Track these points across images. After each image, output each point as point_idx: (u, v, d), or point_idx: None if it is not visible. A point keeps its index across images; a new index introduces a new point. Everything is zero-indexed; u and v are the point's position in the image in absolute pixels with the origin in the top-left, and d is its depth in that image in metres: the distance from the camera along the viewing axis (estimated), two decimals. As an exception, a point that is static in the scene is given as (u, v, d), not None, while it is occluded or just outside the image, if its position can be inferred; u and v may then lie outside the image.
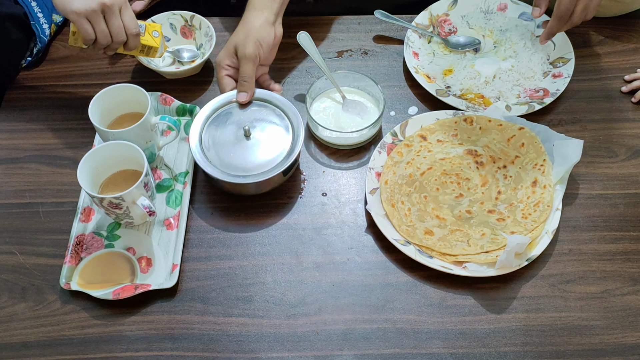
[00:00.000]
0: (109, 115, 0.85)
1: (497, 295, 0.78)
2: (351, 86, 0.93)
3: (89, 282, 0.77)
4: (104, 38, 0.81)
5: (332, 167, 0.89)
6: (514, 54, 0.99)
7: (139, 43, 0.85)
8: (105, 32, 0.80)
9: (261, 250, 0.82)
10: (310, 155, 0.91)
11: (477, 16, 1.04)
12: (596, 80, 0.99)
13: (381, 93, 0.89)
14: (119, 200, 0.74)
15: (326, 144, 0.91)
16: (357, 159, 0.90)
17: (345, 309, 0.77)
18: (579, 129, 0.93)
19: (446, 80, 0.98)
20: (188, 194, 0.84)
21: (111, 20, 0.80)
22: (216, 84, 0.98)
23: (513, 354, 0.73)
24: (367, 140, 0.90)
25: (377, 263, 0.80)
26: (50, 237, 0.82)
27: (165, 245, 0.81)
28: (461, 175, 0.85)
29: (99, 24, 0.79)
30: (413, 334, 0.75)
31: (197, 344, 0.74)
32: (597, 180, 0.88)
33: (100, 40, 0.81)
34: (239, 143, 0.83)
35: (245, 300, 0.77)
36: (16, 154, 0.90)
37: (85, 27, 0.79)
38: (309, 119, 0.89)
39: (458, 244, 0.79)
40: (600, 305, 0.77)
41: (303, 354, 0.74)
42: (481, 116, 0.90)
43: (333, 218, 0.84)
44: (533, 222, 0.80)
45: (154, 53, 0.90)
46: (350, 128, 0.89)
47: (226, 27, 1.05)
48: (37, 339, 0.74)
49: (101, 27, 0.80)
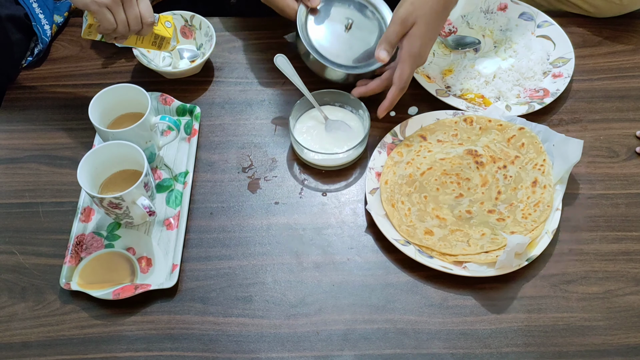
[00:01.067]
0: (109, 115, 0.85)
1: (497, 295, 0.78)
2: (335, 104, 0.91)
3: (89, 282, 0.77)
4: (124, 27, 0.82)
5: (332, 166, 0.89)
6: (514, 54, 0.99)
7: (152, 30, 0.86)
8: (124, 21, 0.82)
9: (261, 250, 0.81)
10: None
11: (477, 16, 1.04)
12: (596, 80, 0.99)
13: (365, 111, 0.87)
14: (119, 200, 0.74)
15: (312, 165, 0.88)
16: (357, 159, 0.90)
17: (345, 309, 0.77)
18: (579, 129, 0.93)
19: (446, 80, 0.98)
20: (188, 194, 0.84)
21: (129, 9, 0.81)
22: (216, 84, 0.98)
23: (514, 354, 0.73)
24: (353, 160, 0.88)
25: (377, 263, 0.80)
26: (50, 237, 0.82)
27: (165, 245, 0.81)
28: (461, 175, 0.85)
29: (119, 14, 0.81)
30: (414, 334, 0.75)
31: (197, 344, 0.74)
32: (598, 180, 0.88)
33: (120, 30, 0.82)
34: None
35: (245, 300, 0.77)
36: (16, 154, 0.90)
37: (108, 17, 0.80)
38: (293, 142, 0.87)
39: (458, 244, 0.79)
40: (603, 306, 0.77)
41: (303, 354, 0.73)
42: (481, 116, 0.90)
43: (333, 218, 0.84)
44: (533, 222, 0.80)
45: (166, 45, 0.90)
46: (335, 149, 0.86)
47: (226, 27, 1.05)
48: (37, 339, 0.74)
49: (121, 17, 0.81)
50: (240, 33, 1.04)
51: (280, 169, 0.89)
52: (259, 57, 1.01)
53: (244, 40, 1.03)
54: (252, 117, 0.94)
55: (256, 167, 0.89)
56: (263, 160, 0.90)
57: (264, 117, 0.94)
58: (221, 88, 0.98)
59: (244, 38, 1.04)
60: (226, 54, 1.02)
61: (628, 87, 0.98)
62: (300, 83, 0.91)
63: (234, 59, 1.01)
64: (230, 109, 0.95)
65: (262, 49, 1.02)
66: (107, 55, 1.01)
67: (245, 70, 1.00)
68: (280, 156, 0.90)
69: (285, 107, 0.95)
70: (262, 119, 0.94)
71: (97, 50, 1.02)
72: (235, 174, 0.88)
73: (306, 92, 0.90)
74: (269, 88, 0.98)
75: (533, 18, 1.02)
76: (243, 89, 0.98)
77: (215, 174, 0.88)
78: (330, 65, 0.90)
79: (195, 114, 0.92)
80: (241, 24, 1.06)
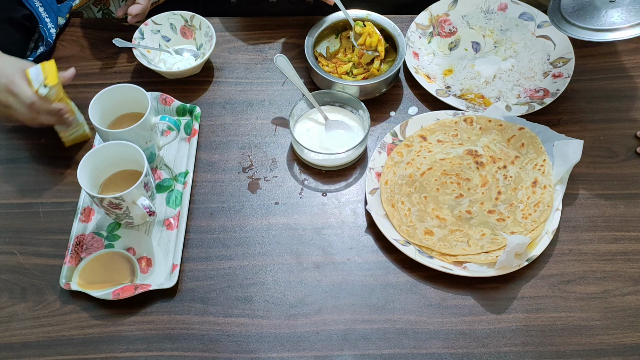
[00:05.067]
0: (109, 115, 0.85)
1: (497, 295, 0.78)
2: (335, 104, 0.91)
3: (89, 282, 0.77)
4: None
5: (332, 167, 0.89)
6: (514, 54, 0.99)
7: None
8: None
9: (261, 250, 0.81)
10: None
11: (477, 16, 1.04)
12: (596, 80, 0.99)
13: (365, 111, 0.87)
14: (119, 201, 0.74)
15: (312, 165, 0.89)
16: (357, 159, 0.90)
17: (345, 309, 0.77)
18: (579, 129, 0.93)
19: (446, 80, 0.98)
20: (188, 194, 0.84)
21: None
22: (216, 84, 0.98)
23: (513, 354, 0.73)
24: (353, 160, 0.89)
25: (377, 263, 0.80)
26: (50, 237, 0.82)
27: (165, 245, 0.81)
28: (461, 175, 0.85)
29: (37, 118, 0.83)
30: (413, 334, 0.75)
31: (197, 344, 0.74)
32: (597, 180, 0.88)
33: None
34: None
35: (245, 301, 0.77)
36: (16, 154, 0.90)
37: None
38: (293, 142, 0.87)
39: (458, 244, 0.79)
40: (601, 306, 0.77)
41: (303, 354, 0.74)
42: (481, 116, 0.90)
43: (333, 218, 0.84)
44: (533, 222, 0.80)
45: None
46: (335, 149, 0.86)
47: (226, 27, 1.05)
48: (37, 339, 0.74)
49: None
50: (240, 33, 1.04)
51: (280, 169, 0.89)
52: (259, 57, 1.01)
53: (244, 41, 1.03)
54: (252, 117, 0.94)
55: (256, 167, 0.89)
56: (263, 161, 0.90)
57: (264, 117, 0.94)
58: (221, 88, 0.98)
59: (244, 38, 1.04)
60: (226, 54, 1.02)
61: (628, 87, 0.98)
62: (300, 83, 0.91)
63: (234, 59, 1.01)
64: (230, 109, 0.95)
65: (262, 49, 1.02)
66: (107, 55, 1.01)
67: (245, 70, 1.00)
68: (281, 156, 0.90)
69: (285, 107, 0.96)
70: (262, 119, 0.94)
71: (97, 51, 1.02)
72: (235, 174, 0.88)
73: (306, 92, 0.90)
74: (269, 88, 0.98)
75: (533, 18, 1.02)
76: (243, 89, 0.98)
77: (215, 174, 0.89)
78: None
79: (195, 114, 0.93)
80: (241, 24, 1.06)
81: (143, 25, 0.97)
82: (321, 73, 0.92)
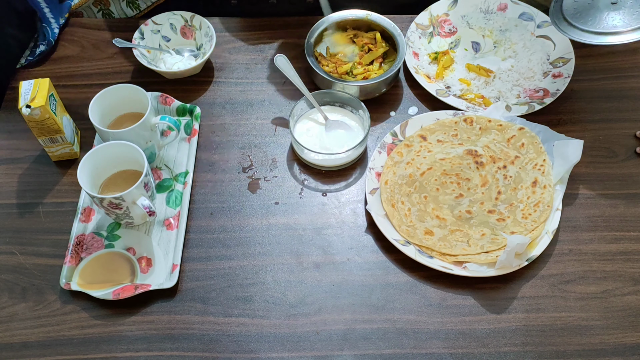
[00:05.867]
0: (109, 116, 0.85)
1: (497, 295, 0.78)
2: (335, 104, 0.91)
3: (89, 282, 0.77)
4: None
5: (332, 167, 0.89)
6: (513, 54, 0.99)
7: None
8: None
9: (261, 250, 0.82)
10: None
11: (477, 16, 1.04)
12: (596, 80, 0.99)
13: (365, 111, 0.87)
14: (119, 201, 0.74)
15: (312, 165, 0.89)
16: (357, 159, 0.90)
17: (345, 309, 0.77)
18: (579, 129, 0.93)
19: (446, 80, 0.98)
20: (188, 194, 0.84)
21: None
22: (216, 84, 0.98)
23: (513, 354, 0.73)
24: (353, 160, 0.89)
25: (377, 263, 0.80)
26: (50, 237, 0.82)
27: (165, 245, 0.81)
28: (461, 175, 0.85)
29: None
30: (413, 334, 0.75)
31: (197, 344, 0.74)
32: (597, 180, 0.88)
33: None
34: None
35: (245, 300, 0.77)
36: (16, 154, 0.90)
37: None
38: (293, 142, 0.87)
39: (458, 244, 0.79)
40: (601, 306, 0.77)
41: (303, 354, 0.74)
42: (481, 116, 0.90)
43: (333, 218, 0.84)
44: (533, 222, 0.80)
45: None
46: (335, 149, 0.86)
47: (226, 27, 1.05)
48: (37, 339, 0.75)
49: None
50: (240, 33, 1.04)
51: (280, 169, 0.89)
52: (259, 57, 1.01)
53: (244, 41, 1.03)
54: (252, 117, 0.94)
55: (256, 167, 0.89)
56: (263, 161, 0.90)
57: (264, 117, 0.94)
58: (221, 88, 0.98)
59: (244, 38, 1.04)
60: (226, 54, 1.02)
61: (628, 87, 0.98)
62: (300, 83, 0.91)
63: (234, 59, 1.01)
64: (230, 109, 0.95)
65: (262, 49, 1.02)
66: (108, 55, 1.01)
67: (245, 70, 1.00)
68: (280, 156, 0.91)
69: (285, 107, 0.96)
70: (262, 119, 0.94)
71: (97, 51, 1.02)
72: (235, 174, 0.89)
73: (306, 92, 0.90)
74: (269, 88, 0.98)
75: (533, 18, 1.02)
76: (243, 89, 0.98)
77: (215, 174, 0.89)
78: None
79: (195, 114, 0.93)
80: (241, 24, 1.06)
81: (143, 25, 0.97)
82: (321, 73, 0.92)
